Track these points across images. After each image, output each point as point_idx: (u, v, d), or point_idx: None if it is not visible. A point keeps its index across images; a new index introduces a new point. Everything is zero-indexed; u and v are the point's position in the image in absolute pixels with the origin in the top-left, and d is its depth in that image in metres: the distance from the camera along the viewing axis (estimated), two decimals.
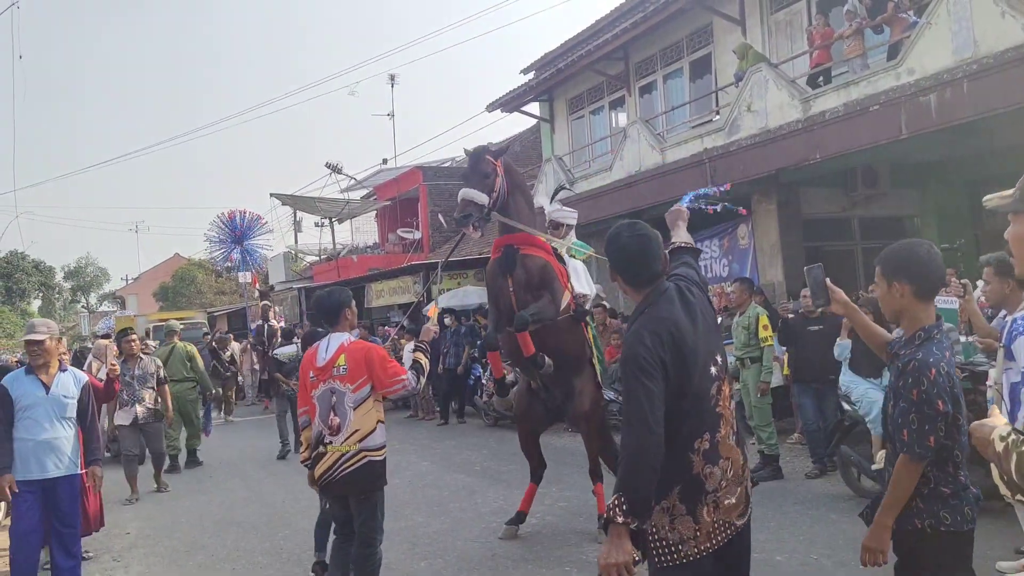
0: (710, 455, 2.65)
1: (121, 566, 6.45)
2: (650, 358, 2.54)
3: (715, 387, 2.71)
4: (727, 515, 2.68)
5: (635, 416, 2.51)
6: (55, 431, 5.30)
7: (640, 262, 2.76)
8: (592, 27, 17.39)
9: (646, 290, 2.76)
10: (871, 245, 12.91)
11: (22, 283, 59.95)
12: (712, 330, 2.81)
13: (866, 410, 6.54)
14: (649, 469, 2.48)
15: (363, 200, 27.65)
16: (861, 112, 9.54)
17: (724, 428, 2.70)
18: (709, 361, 2.71)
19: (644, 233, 2.77)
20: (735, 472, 2.72)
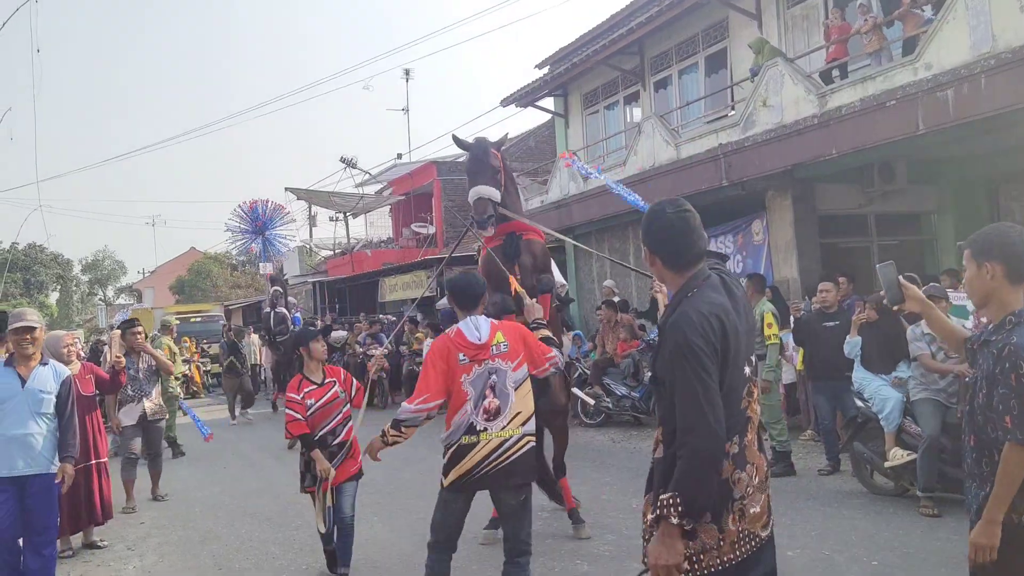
0: (739, 459, 2.51)
1: (135, 555, 6.51)
2: (706, 347, 2.38)
3: (746, 388, 2.56)
4: (752, 525, 2.54)
5: (695, 413, 2.36)
6: (28, 427, 5.05)
7: (685, 241, 2.56)
8: (607, 21, 17.33)
9: (688, 273, 2.58)
10: (887, 242, 12.81)
11: (40, 275, 60.54)
12: (751, 331, 2.68)
13: (879, 407, 6.51)
14: (712, 470, 2.37)
15: (377, 195, 27.71)
16: (878, 107, 9.46)
17: (751, 432, 2.58)
18: (744, 360, 2.56)
19: (688, 209, 2.59)
20: (760, 479, 2.59)
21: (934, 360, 6.18)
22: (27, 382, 5.11)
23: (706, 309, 2.45)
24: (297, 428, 5.37)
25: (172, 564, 6.20)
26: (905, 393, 6.45)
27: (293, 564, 5.95)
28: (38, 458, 5.05)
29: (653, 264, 2.67)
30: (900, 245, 12.74)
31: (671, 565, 2.37)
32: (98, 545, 6.68)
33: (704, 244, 2.61)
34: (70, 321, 60.14)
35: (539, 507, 6.99)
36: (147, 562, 6.29)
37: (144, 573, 6.02)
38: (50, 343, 6.68)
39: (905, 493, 6.53)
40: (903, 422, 6.43)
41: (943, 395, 6.18)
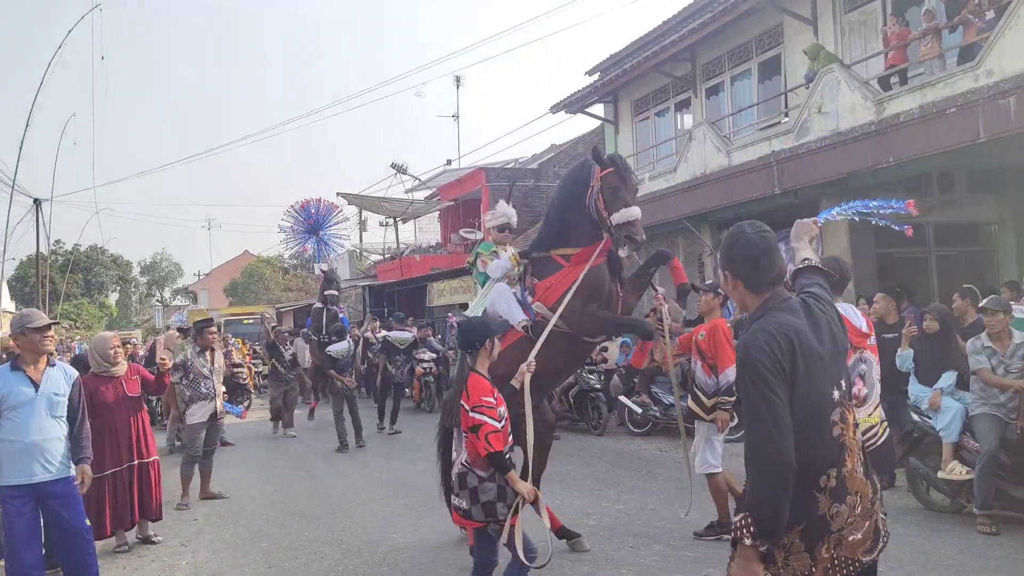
0: (837, 493, 2.42)
1: (188, 551, 6.65)
2: (770, 364, 2.34)
3: (837, 414, 2.46)
4: (851, 552, 2.45)
5: (758, 430, 2.33)
6: (44, 432, 4.95)
7: (766, 261, 2.57)
8: (659, 28, 17.26)
9: (766, 295, 2.57)
10: (946, 253, 12.50)
11: (101, 276, 62.33)
12: (840, 354, 2.57)
13: (939, 419, 6.35)
14: (778, 485, 2.28)
15: (427, 200, 27.95)
16: (937, 115, 9.25)
17: (850, 461, 2.46)
18: (831, 385, 2.47)
19: (768, 231, 2.62)
20: (864, 507, 2.47)
21: (994, 374, 6.01)
22: (40, 386, 5.00)
23: (774, 329, 2.42)
24: (498, 442, 4.24)
25: (223, 561, 6.32)
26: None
27: (341, 564, 6.02)
28: (56, 463, 4.97)
29: (735, 288, 2.65)
30: (959, 256, 12.41)
31: None
32: (152, 540, 6.84)
33: (783, 265, 2.61)
34: (128, 321, 61.83)
35: (583, 513, 6.99)
36: (199, 558, 6.43)
37: (196, 569, 6.15)
38: (97, 344, 6.83)
39: (962, 510, 6.35)
40: (962, 438, 6.26)
41: (1002, 410, 6.01)
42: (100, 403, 6.49)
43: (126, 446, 6.61)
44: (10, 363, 5.07)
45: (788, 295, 2.60)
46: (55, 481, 4.97)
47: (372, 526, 7.07)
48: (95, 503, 6.44)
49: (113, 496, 6.51)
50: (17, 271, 50.26)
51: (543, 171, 25.23)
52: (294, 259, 59.73)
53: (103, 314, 57.66)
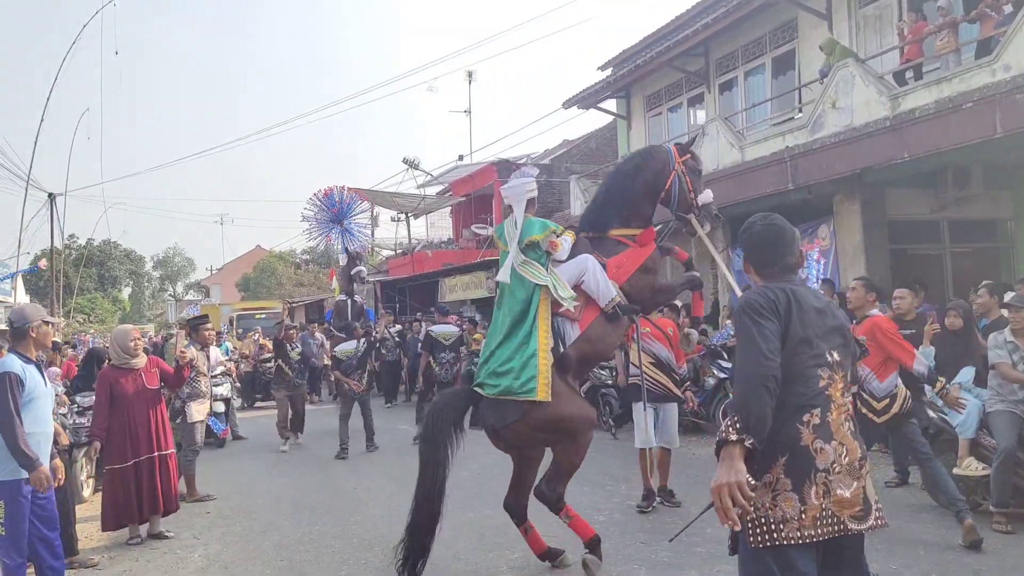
0: (821, 431, 2.52)
1: (200, 543, 6.68)
2: (765, 304, 2.55)
3: (826, 372, 2.58)
4: (839, 507, 2.47)
5: (747, 347, 2.50)
6: (50, 424, 5.15)
7: (773, 252, 2.76)
8: (672, 23, 17.18)
9: (776, 281, 2.73)
10: (961, 249, 12.41)
11: (114, 271, 62.70)
12: (837, 330, 2.69)
13: (955, 415, 6.29)
14: (763, 388, 2.40)
15: (439, 196, 27.96)
16: (953, 110, 9.17)
17: (836, 412, 2.56)
18: (823, 348, 2.60)
19: (778, 224, 2.80)
20: (851, 460, 2.55)
21: (1014, 370, 5.95)
22: (45, 379, 5.17)
23: (775, 286, 2.64)
24: None
25: (235, 554, 6.34)
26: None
27: (352, 558, 6.03)
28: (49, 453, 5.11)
29: (749, 272, 2.86)
30: (974, 252, 12.32)
31: (733, 483, 2.31)
32: (165, 535, 6.85)
33: (795, 259, 2.77)
34: (141, 315, 62.19)
35: (594, 508, 6.98)
36: (211, 551, 6.45)
37: (208, 561, 6.17)
38: (118, 336, 6.87)
39: (977, 508, 6.29)
40: (978, 434, 6.21)
41: (1020, 407, 5.94)
42: (120, 395, 6.56)
43: (145, 438, 6.66)
44: (17, 355, 5.04)
45: (797, 281, 2.77)
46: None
47: (383, 520, 7.08)
48: (114, 493, 6.51)
49: (132, 487, 6.55)
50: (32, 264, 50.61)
51: (555, 166, 25.18)
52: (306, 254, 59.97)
53: (116, 308, 57.97)
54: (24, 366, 4.99)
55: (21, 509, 4.85)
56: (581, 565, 5.26)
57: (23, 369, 4.95)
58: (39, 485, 4.81)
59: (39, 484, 4.80)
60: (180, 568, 6.03)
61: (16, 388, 4.84)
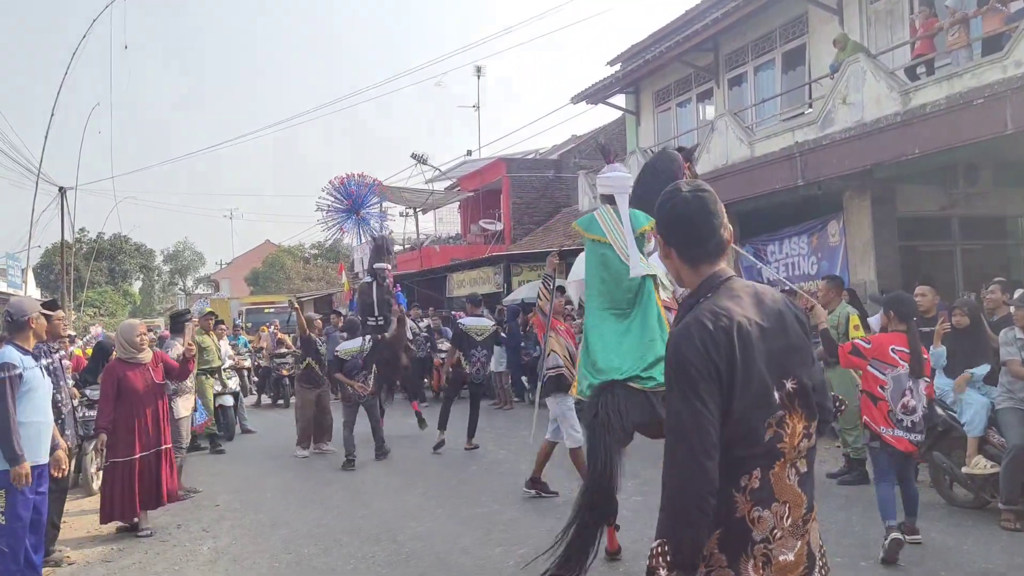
0: (760, 494, 2.08)
1: (210, 536, 6.72)
2: (701, 366, 2.01)
3: (776, 417, 2.09)
4: (781, 575, 2.10)
5: (680, 443, 2.02)
6: (49, 415, 5.23)
7: (704, 227, 2.20)
8: (681, 17, 17.12)
9: (706, 270, 2.21)
10: (971, 246, 12.34)
11: (125, 265, 62.97)
12: (794, 348, 2.16)
13: (963, 412, 6.27)
14: (696, 510, 1.99)
15: (447, 191, 27.97)
16: (964, 105, 9.11)
17: (780, 465, 2.11)
18: (773, 384, 2.09)
19: (707, 190, 2.24)
20: (794, 521, 2.12)
21: (1023, 368, 5.92)
22: (44, 370, 5.24)
23: (711, 321, 2.05)
24: None
25: (244, 547, 6.38)
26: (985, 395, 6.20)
27: (360, 552, 6.05)
28: (48, 444, 5.20)
29: (668, 257, 2.29)
30: (984, 249, 12.26)
31: None
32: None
33: (726, 236, 2.22)
34: (151, 309, 62.47)
35: None
36: (220, 544, 6.49)
37: (217, 554, 6.21)
38: (125, 331, 6.88)
39: (985, 505, 6.28)
40: (986, 432, 6.18)
41: None
42: (128, 389, 6.58)
43: (153, 433, 6.71)
44: (15, 347, 5.13)
45: (730, 273, 2.21)
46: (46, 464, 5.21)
47: (391, 515, 7.11)
48: (115, 487, 6.54)
49: (136, 481, 6.58)
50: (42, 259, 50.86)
51: (563, 162, 25.15)
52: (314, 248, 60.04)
53: (127, 302, 58.26)
54: (23, 358, 5.08)
55: (18, 497, 4.89)
56: None
57: (21, 361, 5.04)
58: (17, 481, 4.83)
59: (18, 480, 4.83)
60: (189, 561, 6.07)
61: (13, 378, 4.93)
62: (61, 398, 6.06)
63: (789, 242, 13.12)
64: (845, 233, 11.87)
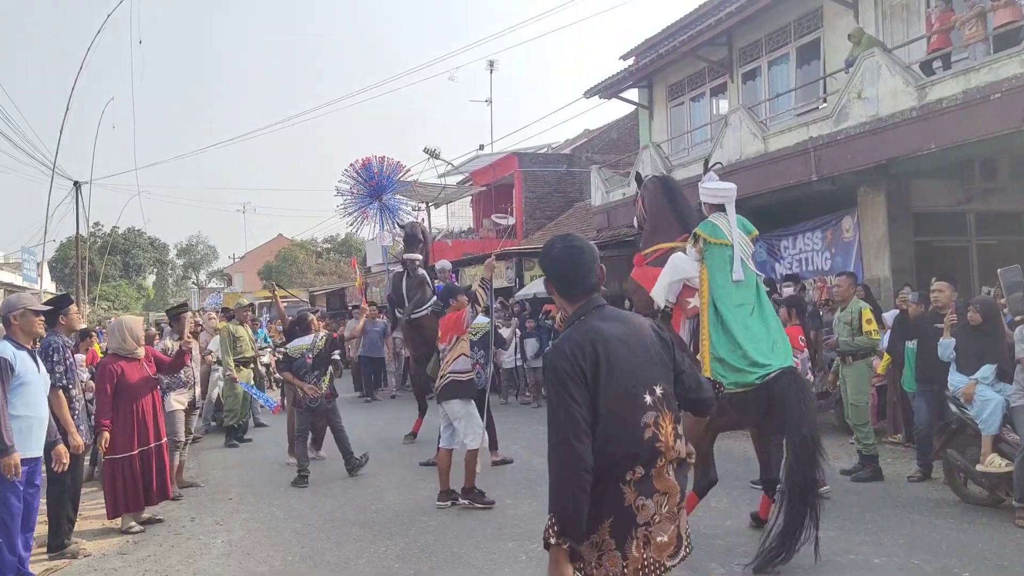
0: (644, 486, 2.51)
1: (223, 529, 6.76)
2: (570, 369, 2.47)
3: (650, 417, 2.53)
4: (658, 554, 2.53)
5: (557, 431, 2.45)
6: (44, 409, 5.27)
7: (572, 274, 2.70)
8: (695, 11, 17.05)
9: (578, 302, 2.70)
10: (988, 241, 12.25)
11: (138, 259, 63.36)
12: (656, 363, 2.64)
13: (978, 409, 6.23)
14: (576, 486, 2.40)
15: (459, 185, 27.97)
16: (981, 100, 9.03)
17: (662, 461, 2.55)
18: (642, 389, 2.55)
19: (577, 245, 2.73)
20: (670, 508, 2.57)
21: None
22: (39, 365, 5.31)
23: (579, 336, 2.55)
24: None
25: (257, 540, 6.41)
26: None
27: (372, 546, 6.08)
28: (43, 439, 5.23)
29: (553, 292, 2.80)
30: (1001, 245, 12.15)
31: None
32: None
33: (595, 279, 2.70)
34: (165, 303, 62.77)
35: None
36: (234, 536, 6.53)
37: (231, 547, 6.24)
38: (128, 327, 6.85)
39: (1000, 504, 6.25)
40: (1001, 430, 6.14)
41: None
42: (127, 385, 6.60)
43: (152, 427, 6.76)
44: (10, 341, 5.19)
45: (602, 302, 2.69)
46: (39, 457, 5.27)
47: (403, 509, 7.13)
48: (116, 482, 6.56)
49: (139, 476, 6.63)
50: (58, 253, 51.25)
51: (576, 156, 25.11)
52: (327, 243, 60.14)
53: (140, 295, 58.63)
54: (16, 352, 5.12)
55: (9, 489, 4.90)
56: None
57: (14, 355, 5.10)
58: (7, 472, 4.83)
59: (7, 471, 4.83)
60: (203, 553, 6.11)
61: (4, 371, 4.99)
62: (75, 393, 6.11)
63: (803, 237, 13.05)
64: (859, 228, 11.80)
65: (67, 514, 6.19)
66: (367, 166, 15.04)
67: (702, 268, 5.81)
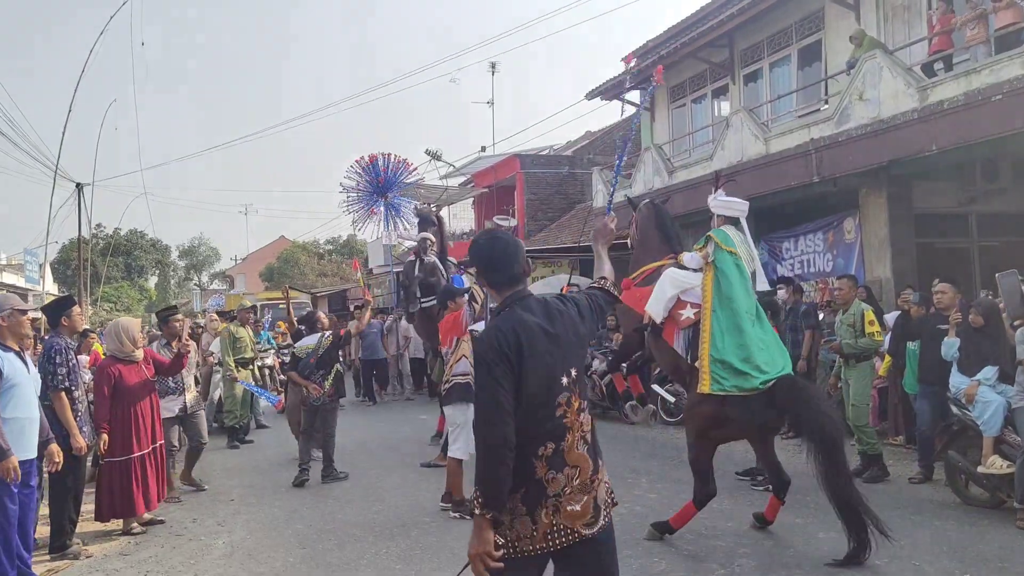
0: (554, 462, 2.75)
1: (225, 530, 6.77)
2: (495, 356, 2.69)
3: (564, 397, 2.79)
4: (569, 521, 2.76)
5: (482, 413, 2.69)
6: (36, 410, 5.22)
7: (497, 266, 2.91)
8: (696, 14, 17.05)
9: (506, 292, 2.90)
10: (990, 243, 12.24)
11: (141, 260, 63.39)
12: (572, 346, 2.87)
13: (979, 411, 6.23)
14: (498, 461, 2.63)
15: (461, 187, 27.99)
16: (983, 102, 9.03)
17: (571, 437, 2.79)
18: (560, 372, 2.79)
19: (502, 238, 2.97)
20: (582, 481, 2.80)
21: None
22: (28, 366, 5.25)
23: (505, 325, 2.77)
24: None
25: (259, 541, 6.42)
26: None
27: (374, 547, 6.08)
28: (36, 441, 5.21)
29: (483, 284, 3.03)
30: (1003, 247, 12.14)
31: (481, 553, 2.64)
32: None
33: (520, 269, 2.90)
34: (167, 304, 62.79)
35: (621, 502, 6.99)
36: (235, 538, 6.54)
37: (232, 548, 6.25)
38: (125, 329, 6.82)
39: (1001, 505, 6.24)
40: (1003, 431, 6.14)
41: None
42: (126, 388, 6.58)
43: (149, 430, 6.74)
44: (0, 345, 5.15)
45: (527, 294, 2.90)
46: (34, 459, 5.24)
47: (405, 510, 7.14)
48: (112, 485, 6.52)
49: (137, 479, 6.60)
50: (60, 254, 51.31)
51: (577, 158, 25.11)
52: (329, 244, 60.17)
53: (142, 297, 58.67)
54: (3, 354, 5.08)
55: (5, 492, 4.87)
56: None
57: (1, 358, 5.06)
58: (6, 475, 4.79)
59: (6, 474, 4.79)
60: (205, 555, 6.12)
61: None
62: (78, 395, 6.12)
63: (805, 239, 13.05)
64: (861, 230, 11.80)
65: (69, 515, 6.20)
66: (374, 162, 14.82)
67: (707, 272, 5.85)
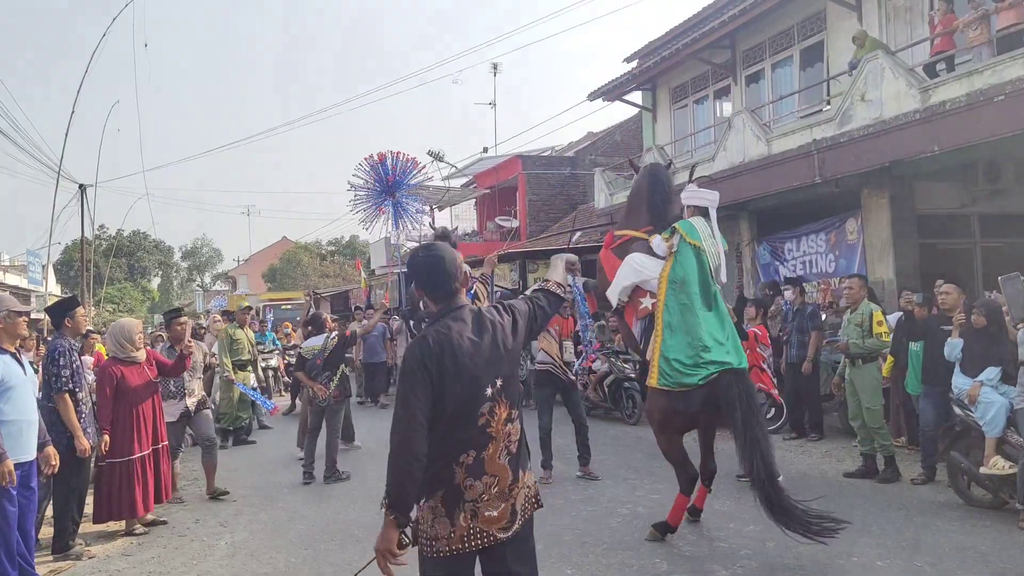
0: (473, 470, 2.85)
1: (227, 531, 6.78)
2: (415, 365, 2.79)
3: (487, 407, 2.87)
4: (486, 525, 2.87)
5: (397, 422, 2.77)
6: (33, 412, 5.20)
7: (434, 279, 3.00)
8: (699, 14, 17.06)
9: (442, 302, 3.00)
10: (992, 244, 12.22)
11: (143, 261, 63.50)
12: (501, 357, 2.95)
13: (982, 412, 6.22)
14: (406, 467, 2.74)
15: (463, 188, 28.01)
16: (985, 102, 9.02)
17: (493, 447, 2.89)
18: (485, 383, 2.87)
19: (437, 254, 3.02)
20: (500, 489, 2.90)
21: None
22: (25, 367, 5.22)
23: (432, 336, 2.86)
24: None
25: (261, 541, 6.43)
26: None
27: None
28: (35, 442, 5.21)
29: (421, 296, 3.13)
30: (1005, 247, 12.13)
31: (383, 550, 2.79)
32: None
33: (457, 283, 3.00)
34: (170, 305, 62.86)
35: (617, 502, 6.99)
36: (238, 538, 6.55)
37: (235, 549, 6.26)
38: (125, 329, 6.79)
39: (1003, 506, 6.24)
40: (1005, 432, 6.14)
41: None
42: (128, 389, 6.57)
43: (151, 431, 6.74)
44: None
45: (462, 305, 2.99)
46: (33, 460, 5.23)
47: None
48: (121, 486, 6.51)
49: (138, 480, 6.58)
50: (63, 255, 51.41)
51: (579, 159, 25.12)
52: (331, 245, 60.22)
53: (145, 298, 58.77)
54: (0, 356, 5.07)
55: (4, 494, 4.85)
56: None
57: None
58: (2, 479, 4.78)
59: (1, 478, 4.77)
60: (207, 556, 6.12)
61: None
62: (82, 396, 6.12)
63: (807, 240, 13.04)
64: (863, 231, 11.79)
65: (72, 516, 6.21)
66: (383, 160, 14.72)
67: (667, 263, 5.90)
